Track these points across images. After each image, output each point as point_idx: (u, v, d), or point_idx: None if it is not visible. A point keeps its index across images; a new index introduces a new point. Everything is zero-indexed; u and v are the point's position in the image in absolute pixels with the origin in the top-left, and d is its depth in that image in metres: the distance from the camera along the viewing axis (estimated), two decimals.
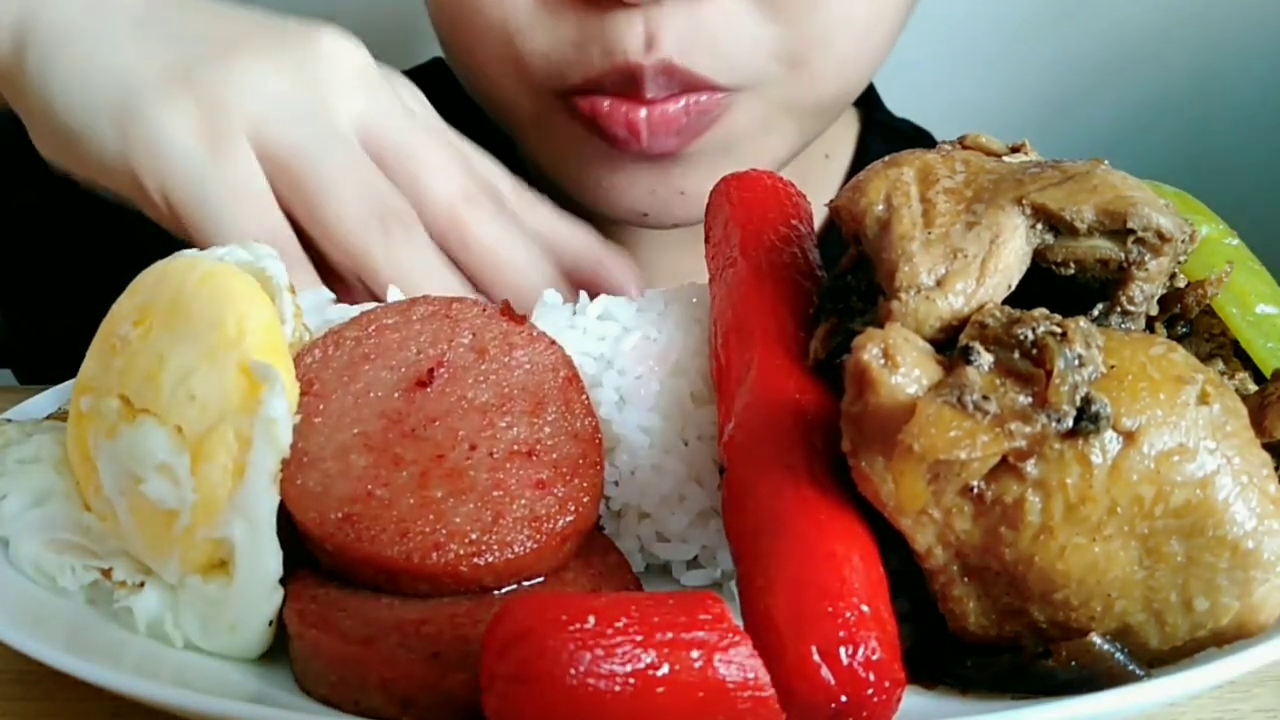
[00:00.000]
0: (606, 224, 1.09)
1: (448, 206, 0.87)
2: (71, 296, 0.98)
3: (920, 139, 1.40)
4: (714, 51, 0.99)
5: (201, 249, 0.75)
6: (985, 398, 0.56)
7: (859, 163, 1.32)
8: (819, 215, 0.80)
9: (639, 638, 0.51)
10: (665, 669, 0.50)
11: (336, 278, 0.86)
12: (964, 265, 0.62)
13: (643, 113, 1.00)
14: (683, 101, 1.00)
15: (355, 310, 0.76)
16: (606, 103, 1.00)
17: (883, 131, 1.35)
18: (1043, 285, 0.65)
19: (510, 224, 0.89)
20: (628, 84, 0.99)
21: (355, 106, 0.88)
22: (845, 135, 1.33)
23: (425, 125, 0.91)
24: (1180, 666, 0.58)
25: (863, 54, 1.08)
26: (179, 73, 0.85)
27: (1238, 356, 0.71)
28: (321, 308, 0.78)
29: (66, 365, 0.76)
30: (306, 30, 0.89)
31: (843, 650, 0.54)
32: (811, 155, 1.22)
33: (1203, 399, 0.58)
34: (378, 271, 0.83)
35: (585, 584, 0.66)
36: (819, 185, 1.25)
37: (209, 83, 0.84)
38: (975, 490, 0.57)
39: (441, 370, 0.71)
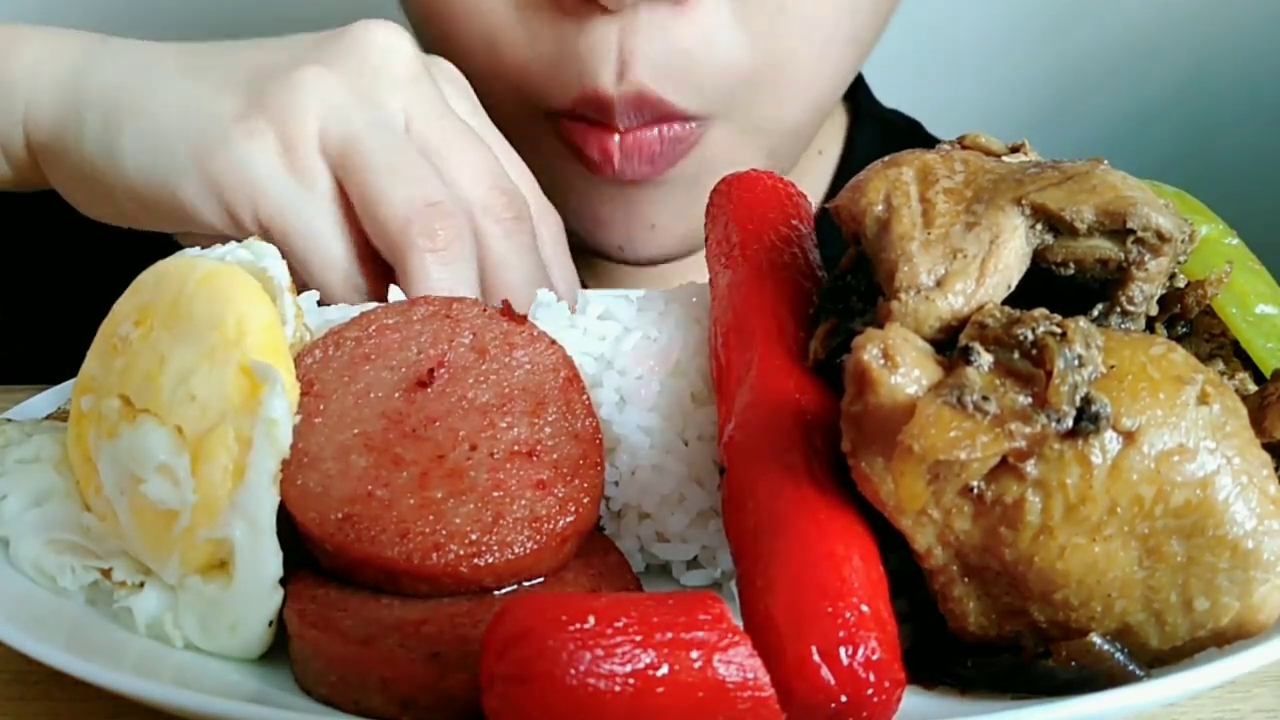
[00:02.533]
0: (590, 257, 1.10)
1: (465, 213, 0.88)
2: (56, 298, 0.98)
3: (911, 130, 1.40)
4: (686, 78, 1.00)
5: (299, 266, 0.79)
6: (985, 398, 0.56)
7: (848, 156, 1.32)
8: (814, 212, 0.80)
9: (639, 638, 0.51)
10: (665, 669, 0.50)
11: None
12: (963, 265, 0.62)
13: (614, 140, 1.01)
14: (656, 130, 1.02)
15: (356, 310, 0.76)
16: (582, 129, 1.02)
17: (872, 123, 1.35)
18: (1043, 285, 0.65)
19: (519, 244, 0.89)
20: (600, 113, 1.00)
21: (401, 98, 0.89)
22: (835, 129, 1.33)
23: (459, 124, 0.91)
24: (1180, 666, 0.58)
25: (824, 69, 1.08)
26: (250, 100, 0.87)
27: (1238, 356, 0.71)
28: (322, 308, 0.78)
29: (49, 367, 0.76)
30: (357, 28, 0.90)
31: (843, 650, 0.54)
32: (804, 151, 1.22)
33: (1203, 399, 0.58)
34: (411, 274, 0.83)
35: (585, 584, 0.66)
36: (812, 181, 1.25)
37: (278, 103, 0.86)
38: (975, 490, 0.57)
39: (442, 370, 0.71)
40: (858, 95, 1.34)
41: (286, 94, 0.86)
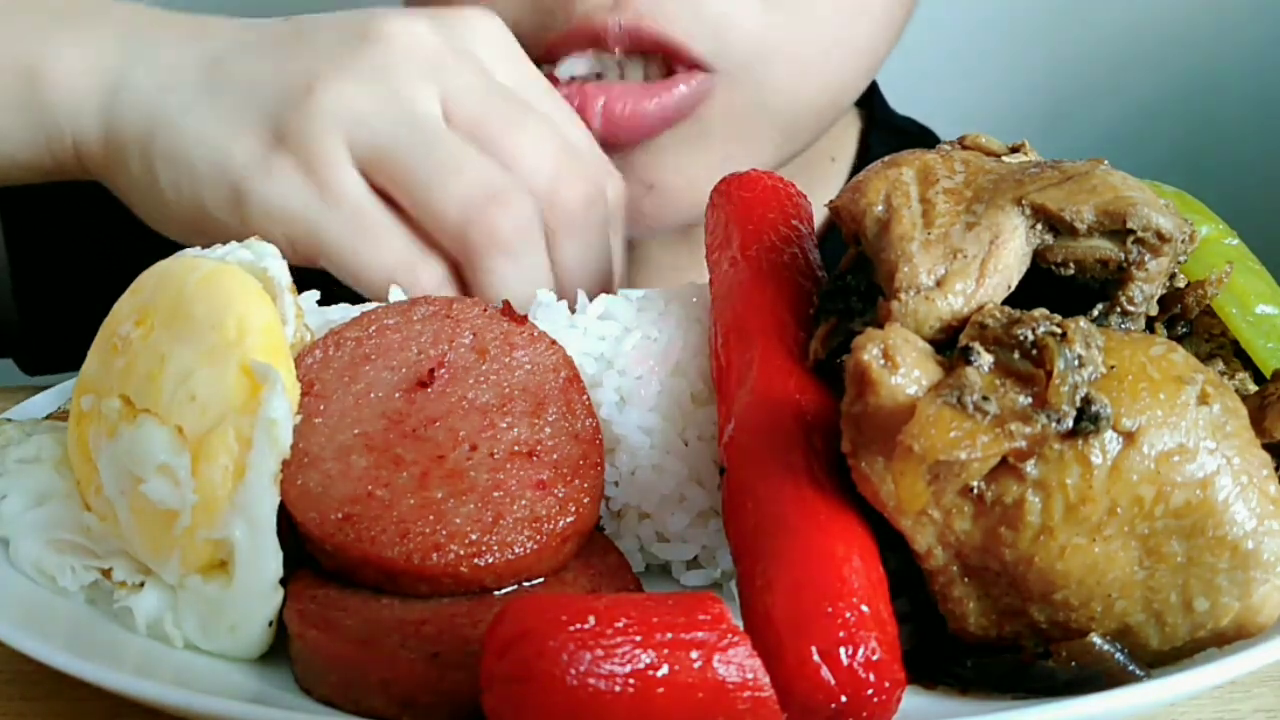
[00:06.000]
0: None
1: (545, 192, 0.84)
2: (86, 287, 0.98)
3: (924, 138, 1.39)
4: (693, 14, 0.96)
5: (352, 286, 0.80)
6: (985, 398, 0.56)
7: (862, 163, 1.30)
8: (823, 217, 0.80)
9: (639, 638, 0.51)
10: (665, 669, 0.50)
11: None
12: (963, 266, 0.62)
13: (600, 103, 0.96)
14: (653, 102, 0.97)
15: (356, 310, 0.76)
16: (576, 87, 0.97)
17: (886, 131, 1.34)
18: (1043, 285, 0.65)
19: (589, 241, 0.86)
20: (593, 44, 0.96)
21: (433, 88, 0.85)
22: (848, 135, 1.32)
23: (504, 96, 0.87)
24: (1180, 666, 0.59)
25: (842, 55, 1.05)
26: (268, 137, 0.85)
27: (1238, 356, 0.71)
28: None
29: (74, 357, 0.75)
30: (367, 24, 0.86)
31: (843, 650, 0.54)
32: (816, 157, 1.21)
33: (1203, 399, 0.58)
34: (482, 253, 0.81)
35: (585, 584, 0.66)
36: (824, 187, 1.24)
37: (298, 134, 0.84)
38: (975, 491, 0.57)
39: (442, 371, 0.71)
40: (872, 102, 1.33)
41: (305, 121, 0.84)
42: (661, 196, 1.03)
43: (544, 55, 0.98)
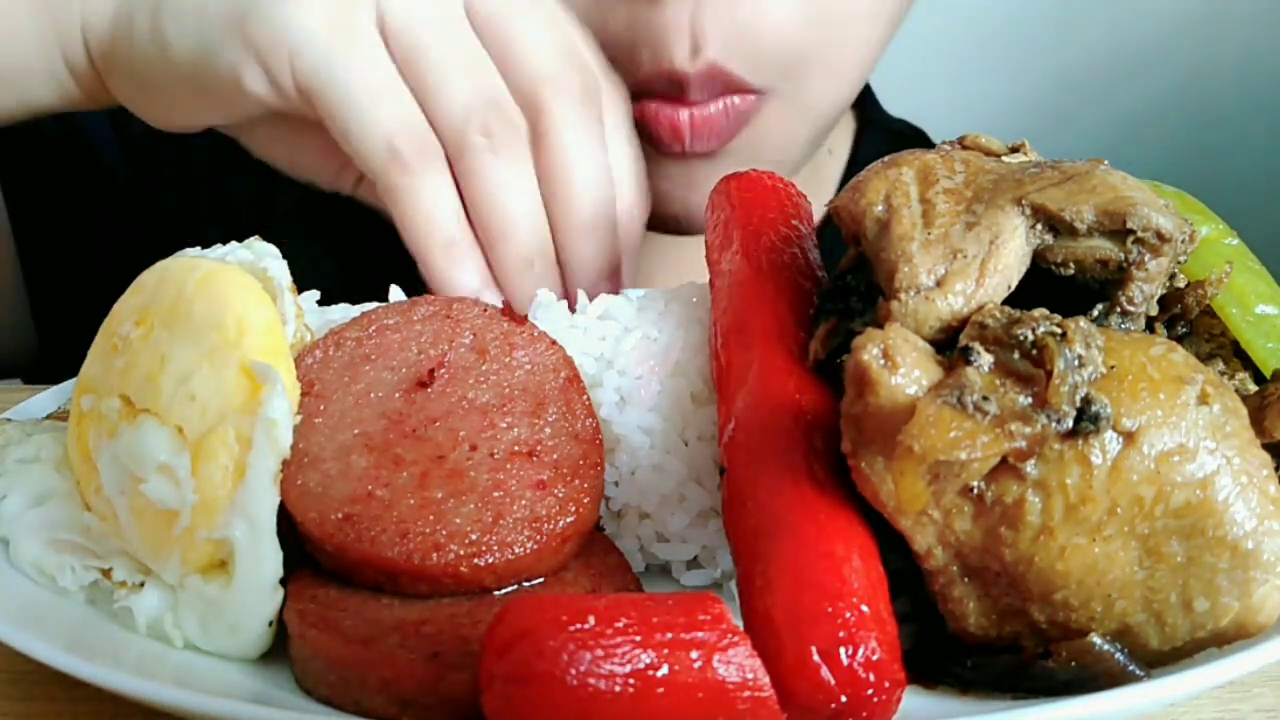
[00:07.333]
0: None
1: (531, 84, 0.87)
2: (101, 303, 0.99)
3: (917, 139, 1.40)
4: (753, 52, 1.01)
5: (340, 141, 0.81)
6: (985, 398, 0.56)
7: (855, 160, 1.32)
8: (821, 213, 0.80)
9: (638, 638, 0.51)
10: (665, 669, 0.50)
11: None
12: (963, 266, 0.62)
13: (684, 115, 1.01)
14: (721, 104, 1.02)
15: (356, 310, 0.76)
16: (653, 107, 1.01)
17: (880, 131, 1.35)
18: (1043, 285, 0.65)
19: (585, 131, 0.88)
20: (674, 88, 1.00)
21: None
22: (844, 132, 1.33)
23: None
24: (1180, 666, 0.59)
25: (865, 54, 1.09)
26: None
27: (1238, 356, 0.71)
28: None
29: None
30: None
31: (843, 650, 0.54)
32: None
33: (1203, 399, 0.58)
34: (472, 173, 0.84)
35: (585, 584, 0.66)
36: (821, 182, 1.25)
37: None
38: (975, 491, 0.57)
39: (442, 371, 0.71)
40: (864, 103, 1.34)
41: None
42: None
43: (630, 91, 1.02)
